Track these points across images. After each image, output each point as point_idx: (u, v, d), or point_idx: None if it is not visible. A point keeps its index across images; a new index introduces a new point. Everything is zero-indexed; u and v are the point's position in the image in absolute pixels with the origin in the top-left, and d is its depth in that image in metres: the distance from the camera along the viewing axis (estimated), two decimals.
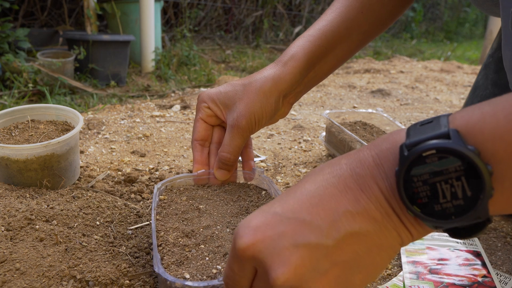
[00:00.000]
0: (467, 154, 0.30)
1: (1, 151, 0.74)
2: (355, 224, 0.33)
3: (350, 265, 0.34)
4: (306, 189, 0.36)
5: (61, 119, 0.89)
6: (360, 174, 0.34)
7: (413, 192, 0.32)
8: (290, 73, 0.61)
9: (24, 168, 0.75)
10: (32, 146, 0.74)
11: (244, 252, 0.35)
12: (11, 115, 0.86)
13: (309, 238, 0.33)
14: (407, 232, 0.34)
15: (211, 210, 0.60)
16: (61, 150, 0.77)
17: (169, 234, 0.55)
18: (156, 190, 0.63)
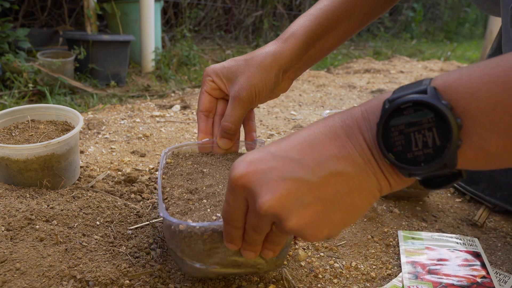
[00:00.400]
0: (439, 107, 0.33)
1: (1, 151, 0.74)
2: (339, 166, 0.37)
3: (331, 202, 0.38)
4: (300, 135, 0.40)
5: (61, 119, 0.89)
6: (349, 125, 0.39)
7: (390, 141, 0.36)
8: (289, 49, 0.64)
9: (24, 168, 0.75)
10: (32, 146, 0.74)
11: (237, 182, 0.39)
12: (11, 115, 0.86)
13: (296, 173, 0.38)
14: (385, 180, 0.38)
15: (213, 173, 0.64)
16: (61, 150, 0.77)
17: (175, 190, 0.60)
18: (163, 154, 0.67)
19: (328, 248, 0.73)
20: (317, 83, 2.28)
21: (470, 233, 0.84)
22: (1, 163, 0.75)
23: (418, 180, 0.38)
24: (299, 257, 0.69)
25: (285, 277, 0.63)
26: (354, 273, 0.67)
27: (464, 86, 0.34)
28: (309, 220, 0.38)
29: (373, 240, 0.77)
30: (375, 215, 0.83)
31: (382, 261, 0.71)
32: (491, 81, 0.33)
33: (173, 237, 0.52)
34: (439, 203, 0.95)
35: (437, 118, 0.34)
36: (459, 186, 1.01)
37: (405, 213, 0.87)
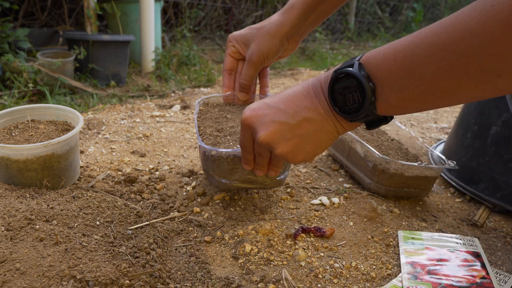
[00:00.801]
0: (358, 76, 0.50)
1: (1, 151, 0.74)
2: (309, 114, 0.56)
3: (304, 138, 0.57)
4: (286, 92, 0.59)
5: (61, 119, 0.89)
6: (316, 87, 0.56)
7: (335, 99, 0.53)
8: (290, 19, 0.77)
9: (24, 168, 0.75)
10: (32, 146, 0.74)
11: (244, 122, 0.60)
12: (11, 115, 0.86)
13: (281, 118, 0.57)
14: (339, 124, 0.56)
15: (235, 118, 0.85)
16: (61, 150, 0.77)
17: (207, 129, 0.80)
18: (197, 103, 0.88)
19: (328, 248, 0.73)
20: None
21: (470, 233, 0.84)
22: (1, 163, 0.75)
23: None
24: (299, 257, 0.69)
25: (285, 277, 0.63)
26: (354, 273, 0.67)
27: (375, 60, 0.49)
28: (290, 149, 0.58)
29: (373, 240, 0.77)
30: (375, 215, 0.83)
31: (382, 261, 0.71)
32: (387, 57, 0.48)
33: (207, 160, 0.75)
34: (439, 203, 0.95)
35: (358, 84, 0.50)
36: (459, 186, 1.01)
37: (405, 213, 0.87)
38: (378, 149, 0.96)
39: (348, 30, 4.95)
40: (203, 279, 0.62)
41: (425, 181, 0.90)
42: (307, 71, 2.63)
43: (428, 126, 1.60)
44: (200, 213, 0.81)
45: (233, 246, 0.71)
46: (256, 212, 0.83)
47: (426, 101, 0.47)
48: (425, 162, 0.95)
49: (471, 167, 0.99)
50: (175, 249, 0.69)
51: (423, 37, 0.45)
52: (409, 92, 0.47)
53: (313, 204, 0.87)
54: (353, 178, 1.01)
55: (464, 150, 1.03)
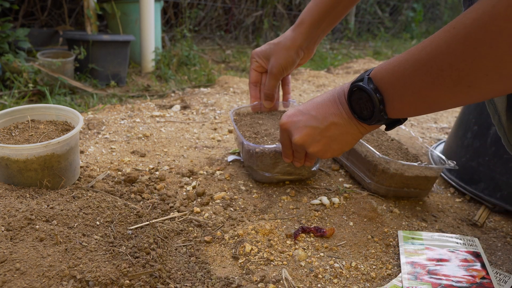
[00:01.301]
0: (367, 90, 0.59)
1: (1, 151, 0.74)
2: (335, 119, 0.66)
3: (332, 139, 0.68)
4: (316, 99, 0.70)
5: (61, 119, 0.89)
6: (340, 95, 0.67)
7: (353, 108, 0.64)
8: (300, 33, 0.89)
9: (24, 168, 0.75)
10: (32, 146, 0.74)
11: (282, 126, 0.74)
12: (11, 115, 0.86)
13: (312, 123, 0.69)
14: (361, 126, 0.66)
15: (266, 123, 1.01)
16: (61, 150, 0.77)
17: (245, 132, 0.96)
18: (231, 113, 1.04)
19: (328, 248, 0.73)
20: (317, 83, 2.28)
21: (470, 233, 0.84)
22: (1, 163, 0.75)
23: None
24: (299, 257, 0.69)
25: (285, 277, 0.63)
26: (354, 273, 0.67)
27: (380, 74, 0.58)
28: (320, 148, 0.70)
29: (373, 240, 0.77)
30: (375, 215, 0.83)
31: (382, 261, 0.71)
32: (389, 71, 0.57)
33: (251, 157, 0.90)
34: (439, 203, 0.95)
35: (368, 96, 0.59)
36: (459, 186, 1.01)
37: (405, 213, 0.87)
38: (378, 149, 0.96)
39: (348, 30, 4.95)
40: (203, 279, 0.62)
41: (425, 181, 0.90)
42: (307, 71, 2.62)
43: (428, 126, 1.60)
44: (200, 213, 0.81)
45: (233, 246, 0.71)
46: (256, 212, 0.83)
47: (421, 107, 0.56)
48: (425, 162, 0.95)
49: (471, 167, 0.99)
50: (175, 249, 0.69)
51: (412, 53, 0.53)
52: (406, 100, 0.56)
53: (313, 204, 0.87)
54: (353, 178, 1.01)
55: (464, 150, 1.03)
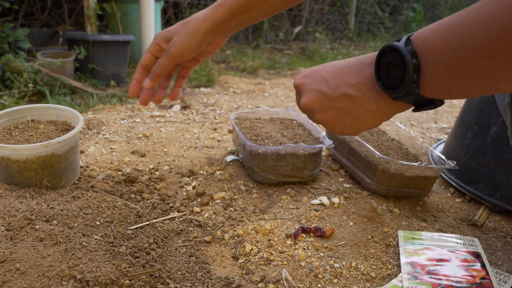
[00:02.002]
0: (402, 50, 0.48)
1: (1, 151, 0.73)
2: (349, 90, 0.57)
3: (342, 111, 0.58)
4: (335, 63, 0.61)
5: (61, 119, 0.89)
6: (363, 62, 0.56)
7: (379, 73, 0.52)
8: (217, 15, 0.76)
9: (24, 168, 0.75)
10: (32, 146, 0.73)
11: (295, 86, 0.64)
12: (11, 115, 0.86)
13: (323, 88, 0.59)
14: (382, 102, 0.54)
15: (266, 126, 1.04)
16: (61, 150, 0.77)
17: (246, 135, 0.97)
18: (232, 117, 1.05)
19: (328, 248, 0.73)
20: None
21: (470, 233, 0.84)
22: (1, 163, 0.75)
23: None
24: (299, 257, 0.69)
25: (285, 277, 0.63)
26: (354, 273, 0.67)
27: (424, 35, 0.48)
28: (327, 119, 0.60)
29: (373, 240, 0.77)
30: (375, 215, 0.83)
31: (382, 261, 0.71)
32: (434, 33, 0.47)
33: (253, 158, 0.91)
34: (439, 203, 0.95)
35: (401, 58, 0.48)
36: (459, 186, 1.01)
37: (405, 213, 0.87)
38: (378, 149, 0.96)
39: (348, 30, 4.95)
40: (203, 279, 0.62)
41: (425, 181, 0.90)
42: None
43: (428, 126, 1.60)
44: (200, 213, 0.81)
45: (233, 246, 0.71)
46: (256, 212, 0.83)
47: (470, 82, 0.45)
48: (425, 162, 0.95)
49: (471, 167, 0.99)
50: (175, 249, 0.69)
51: (467, 12, 0.43)
52: (452, 70, 0.45)
53: (313, 204, 0.87)
54: (353, 178, 1.01)
55: (464, 150, 1.03)
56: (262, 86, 2.03)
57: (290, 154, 0.90)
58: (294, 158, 0.91)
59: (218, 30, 0.78)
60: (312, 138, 0.99)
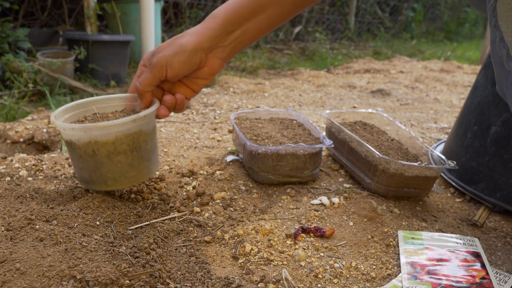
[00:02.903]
0: None
1: (88, 134, 0.66)
2: None
3: None
4: None
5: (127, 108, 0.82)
6: None
7: None
8: (208, 28, 0.69)
9: (114, 151, 0.68)
10: (122, 121, 0.67)
11: None
12: (76, 109, 0.79)
13: None
14: None
15: (266, 126, 1.04)
16: (148, 128, 0.72)
17: (246, 135, 0.97)
18: (232, 117, 1.06)
19: (328, 248, 0.73)
20: (317, 83, 2.28)
21: (470, 233, 0.84)
22: (87, 151, 0.68)
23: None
24: (299, 257, 0.69)
25: (285, 277, 0.63)
26: (354, 273, 0.67)
27: None
28: None
29: (373, 240, 0.77)
30: (375, 215, 0.83)
31: (382, 261, 0.71)
32: None
33: (253, 158, 0.90)
34: (439, 203, 0.95)
35: None
36: (459, 186, 1.01)
37: (405, 213, 0.87)
38: (378, 149, 0.96)
39: (348, 30, 4.95)
40: (203, 279, 0.62)
41: (425, 181, 0.90)
42: (307, 71, 2.62)
43: (428, 126, 1.60)
44: (200, 213, 0.81)
45: (233, 246, 0.71)
46: (256, 212, 0.83)
47: None
48: (425, 162, 0.95)
49: (471, 167, 0.99)
50: (175, 249, 0.69)
51: None
52: None
53: (313, 204, 0.87)
54: (353, 178, 1.01)
55: (464, 150, 1.03)
56: (262, 86, 2.03)
57: (290, 154, 0.90)
58: (294, 158, 0.91)
59: (210, 48, 0.70)
60: (312, 138, 0.99)
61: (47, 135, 1.16)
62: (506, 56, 0.54)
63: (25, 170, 0.90)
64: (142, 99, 0.74)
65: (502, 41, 0.53)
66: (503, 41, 0.53)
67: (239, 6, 0.69)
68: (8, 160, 0.94)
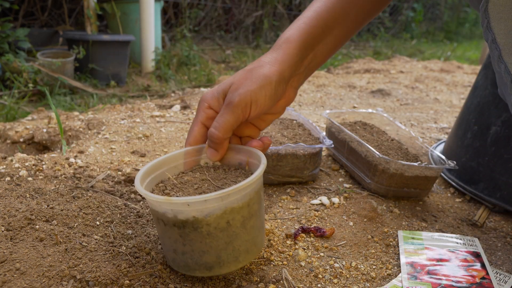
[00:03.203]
0: None
1: (225, 202, 0.51)
2: None
3: None
4: None
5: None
6: None
7: None
8: (286, 54, 0.60)
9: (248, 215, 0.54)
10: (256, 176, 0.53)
11: None
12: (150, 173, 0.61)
13: None
14: None
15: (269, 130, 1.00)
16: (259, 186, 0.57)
17: None
18: None
19: (328, 248, 0.73)
20: (317, 83, 2.28)
21: (470, 233, 0.84)
22: (220, 224, 0.52)
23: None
24: (299, 257, 0.69)
25: (285, 277, 0.63)
26: (354, 273, 0.67)
27: None
28: None
29: (373, 240, 0.77)
30: (375, 215, 0.83)
31: (382, 261, 0.71)
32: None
33: None
34: (439, 203, 0.95)
35: None
36: (459, 186, 1.01)
37: (405, 213, 0.87)
38: (378, 149, 0.96)
39: None
40: (203, 279, 0.62)
41: (425, 181, 0.90)
42: None
43: (428, 126, 1.60)
44: None
45: None
46: None
47: None
48: (425, 162, 0.95)
49: (471, 167, 0.99)
50: None
51: None
52: None
53: (313, 204, 0.87)
54: (353, 178, 1.01)
55: (464, 150, 1.03)
56: None
57: (290, 154, 0.90)
58: (294, 158, 0.91)
59: (290, 77, 0.62)
60: (312, 138, 0.99)
61: (47, 135, 1.16)
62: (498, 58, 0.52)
63: (25, 170, 0.90)
64: (219, 148, 0.60)
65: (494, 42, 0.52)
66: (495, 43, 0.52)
67: (310, 27, 0.63)
68: (8, 160, 0.94)
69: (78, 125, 1.23)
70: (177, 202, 0.50)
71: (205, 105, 0.60)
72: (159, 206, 0.53)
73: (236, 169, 0.63)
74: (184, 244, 0.54)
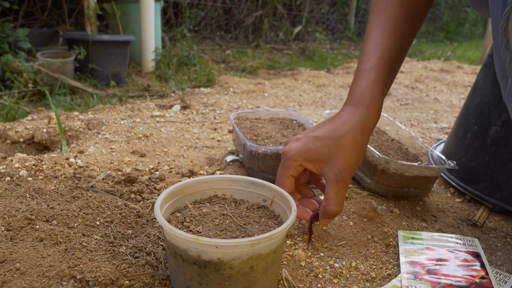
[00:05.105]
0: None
1: (254, 249, 0.50)
2: None
3: None
4: None
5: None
6: None
7: None
8: (374, 116, 0.65)
9: (271, 261, 0.53)
10: (288, 224, 0.51)
11: None
12: (164, 203, 0.59)
13: None
14: None
15: (266, 126, 1.04)
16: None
17: (246, 135, 0.97)
18: (232, 117, 1.05)
19: (328, 248, 0.73)
20: (317, 83, 2.28)
21: (470, 233, 0.84)
22: (244, 269, 0.51)
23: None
24: (299, 257, 0.69)
25: (285, 277, 0.63)
26: (354, 273, 0.67)
27: None
28: None
29: (373, 240, 0.77)
30: (375, 215, 0.83)
31: (382, 261, 0.71)
32: None
33: (253, 158, 0.89)
34: (439, 203, 0.95)
35: None
36: (459, 186, 1.01)
37: (405, 213, 0.87)
38: (378, 149, 0.96)
39: (348, 30, 4.96)
40: None
41: (425, 181, 0.90)
42: (307, 71, 2.63)
43: (428, 126, 1.60)
44: None
45: None
46: None
47: None
48: (425, 162, 0.95)
49: (471, 167, 0.99)
50: None
51: None
52: None
53: None
54: (353, 178, 1.01)
55: (464, 150, 1.03)
56: (262, 86, 2.03)
57: None
58: None
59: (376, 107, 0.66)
60: None
61: (47, 135, 1.16)
62: None
63: (25, 170, 0.90)
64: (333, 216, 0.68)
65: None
66: None
67: (384, 79, 0.67)
68: (8, 160, 0.94)
69: (78, 125, 1.23)
70: (205, 243, 0.48)
71: (297, 163, 0.67)
72: (182, 243, 0.50)
73: (258, 208, 0.64)
74: (201, 283, 0.51)
